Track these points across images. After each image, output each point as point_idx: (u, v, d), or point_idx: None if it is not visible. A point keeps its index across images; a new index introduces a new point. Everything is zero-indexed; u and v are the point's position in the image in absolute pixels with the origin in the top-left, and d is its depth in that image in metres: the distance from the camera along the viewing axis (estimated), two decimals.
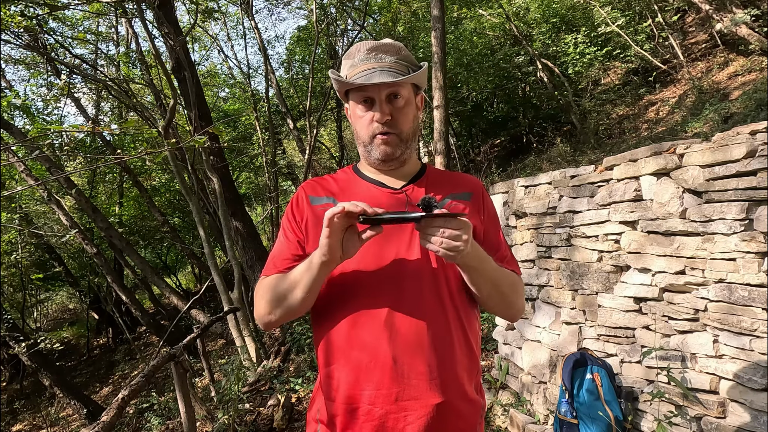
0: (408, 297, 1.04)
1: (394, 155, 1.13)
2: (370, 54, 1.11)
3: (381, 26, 10.94)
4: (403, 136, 1.13)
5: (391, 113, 1.10)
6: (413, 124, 1.15)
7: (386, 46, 1.12)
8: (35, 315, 12.43)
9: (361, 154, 1.18)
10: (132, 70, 9.37)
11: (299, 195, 1.19)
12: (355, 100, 1.13)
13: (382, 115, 1.09)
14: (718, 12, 6.96)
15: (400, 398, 1.01)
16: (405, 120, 1.13)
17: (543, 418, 2.92)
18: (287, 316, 1.09)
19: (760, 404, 1.85)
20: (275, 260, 1.15)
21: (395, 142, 1.12)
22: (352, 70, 1.12)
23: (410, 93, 1.14)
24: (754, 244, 1.87)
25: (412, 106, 1.15)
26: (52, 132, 3.74)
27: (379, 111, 1.09)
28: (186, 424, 2.99)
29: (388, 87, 1.09)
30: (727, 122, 5.59)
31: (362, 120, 1.13)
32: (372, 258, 1.06)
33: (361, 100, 1.11)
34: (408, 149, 1.15)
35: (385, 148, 1.12)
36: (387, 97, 1.10)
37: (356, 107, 1.13)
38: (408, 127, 1.14)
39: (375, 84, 1.07)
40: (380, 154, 1.12)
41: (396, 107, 1.11)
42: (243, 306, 6.00)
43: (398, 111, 1.11)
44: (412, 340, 1.02)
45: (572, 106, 8.42)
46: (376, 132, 1.11)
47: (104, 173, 10.75)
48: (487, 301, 1.13)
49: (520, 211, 3.25)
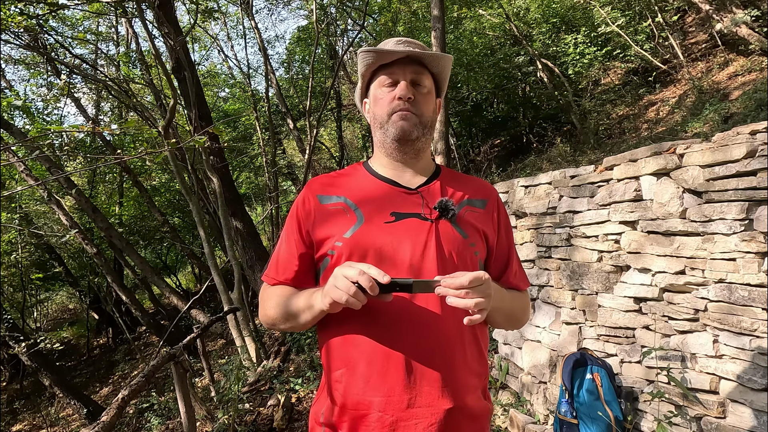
0: (419, 301, 1.01)
1: (411, 135, 1.10)
2: (400, 44, 1.13)
3: (381, 26, 10.93)
4: (423, 119, 1.11)
5: (413, 95, 1.10)
6: (433, 115, 1.14)
7: (415, 42, 1.14)
8: (35, 315, 12.43)
9: (377, 142, 1.16)
10: (132, 70, 9.38)
11: (305, 196, 1.15)
12: (379, 83, 1.13)
13: (405, 90, 1.09)
14: (718, 12, 6.96)
15: (412, 405, 0.98)
16: (427, 106, 1.12)
17: (543, 418, 2.92)
18: (294, 329, 1.12)
19: (760, 404, 1.85)
20: (279, 266, 1.14)
21: (414, 121, 1.10)
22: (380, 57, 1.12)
23: (432, 87, 1.14)
24: (754, 244, 1.87)
25: (432, 99, 1.15)
26: (52, 132, 3.74)
27: (404, 88, 1.09)
28: (186, 424, 2.99)
29: (413, 72, 1.10)
30: (727, 122, 5.59)
31: (383, 100, 1.12)
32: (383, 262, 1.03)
33: (386, 83, 1.11)
34: (425, 137, 1.13)
35: (403, 124, 1.09)
36: (411, 81, 1.10)
37: (378, 90, 1.13)
38: (429, 114, 1.12)
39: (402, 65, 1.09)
40: (397, 130, 1.09)
41: (419, 92, 1.11)
42: (243, 306, 6.00)
43: (421, 95, 1.11)
44: (424, 346, 1.00)
45: (572, 106, 8.42)
46: (396, 108, 1.10)
47: (104, 173, 10.75)
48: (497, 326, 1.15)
49: (520, 211, 3.25)
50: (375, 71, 1.14)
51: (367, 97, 1.18)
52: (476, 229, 1.11)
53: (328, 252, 1.08)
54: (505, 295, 1.10)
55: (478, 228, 1.11)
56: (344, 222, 1.07)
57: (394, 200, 1.09)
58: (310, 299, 1.02)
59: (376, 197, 1.10)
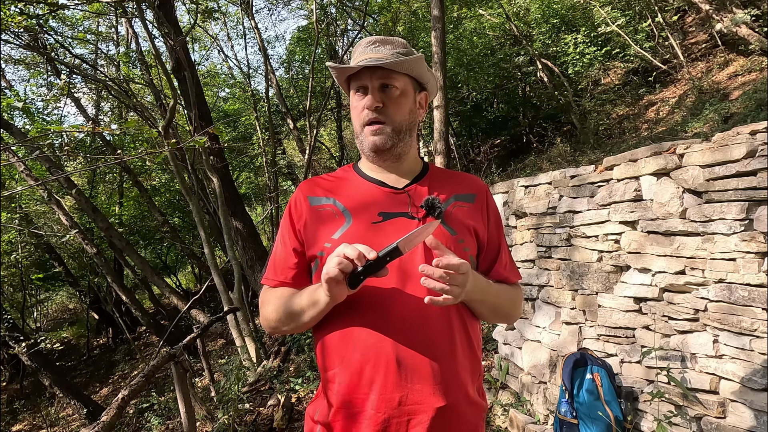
0: (411, 300, 1.02)
1: (385, 146, 1.09)
2: (369, 46, 1.11)
3: (381, 26, 10.93)
4: (395, 126, 1.09)
5: (382, 101, 1.08)
6: (408, 117, 1.12)
7: (387, 40, 1.12)
8: (35, 315, 12.43)
9: (359, 148, 1.16)
10: (132, 70, 9.37)
11: (297, 197, 1.17)
12: (352, 90, 1.13)
13: (372, 101, 1.07)
14: (718, 12, 6.96)
15: (404, 403, 0.99)
16: (398, 110, 1.10)
17: (543, 418, 2.92)
18: (297, 330, 1.12)
19: (760, 404, 1.85)
20: (277, 268, 1.14)
21: (386, 132, 1.09)
22: (352, 62, 1.12)
23: (407, 86, 1.12)
24: (754, 244, 1.87)
25: (408, 99, 1.12)
26: (52, 132, 3.75)
27: (371, 96, 1.07)
28: (186, 424, 2.99)
29: (380, 77, 1.08)
30: (727, 122, 5.59)
31: (356, 109, 1.11)
32: None
33: (356, 88, 1.11)
34: (402, 142, 1.12)
35: (374, 139, 1.09)
36: (380, 86, 1.08)
37: (353, 97, 1.13)
38: (401, 119, 1.10)
39: (369, 69, 1.07)
40: (369, 145, 1.10)
41: (389, 96, 1.09)
42: (243, 306, 6.00)
43: (391, 100, 1.09)
44: (416, 344, 1.00)
45: (572, 106, 8.42)
46: (365, 120, 1.09)
47: (104, 173, 10.75)
48: (485, 319, 1.16)
49: (520, 211, 3.25)
50: (349, 78, 1.14)
51: None
52: (465, 225, 1.11)
53: (317, 254, 1.09)
54: (490, 288, 1.09)
55: (466, 224, 1.12)
56: (333, 224, 1.09)
57: (381, 200, 1.10)
58: (314, 295, 1.02)
59: (364, 198, 1.11)
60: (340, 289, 0.95)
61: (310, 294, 1.03)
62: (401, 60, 1.07)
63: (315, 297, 1.01)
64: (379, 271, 0.94)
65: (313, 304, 1.02)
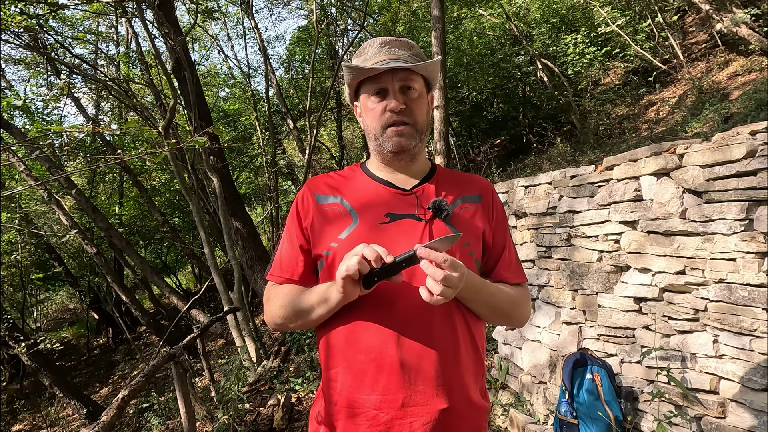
0: (415, 301, 1.00)
1: (408, 147, 1.10)
2: (384, 47, 1.11)
3: (381, 26, 10.93)
4: (417, 126, 1.10)
5: (405, 103, 1.08)
6: (426, 117, 1.13)
7: (399, 42, 1.12)
8: (35, 315, 12.42)
9: (372, 149, 1.15)
10: (132, 70, 9.37)
11: (304, 194, 1.16)
12: (367, 93, 1.11)
13: (396, 103, 1.07)
14: (718, 12, 6.96)
15: (407, 404, 0.99)
16: (419, 111, 1.10)
17: (543, 418, 2.92)
18: (303, 327, 1.11)
19: (760, 404, 1.85)
20: (283, 264, 1.14)
21: (410, 134, 1.09)
22: (364, 64, 1.10)
23: (423, 87, 1.13)
24: (754, 244, 1.87)
25: (424, 100, 1.13)
26: (52, 132, 3.74)
27: (394, 99, 1.07)
28: (186, 424, 2.99)
29: (401, 78, 1.08)
30: (727, 122, 5.59)
31: (374, 111, 1.10)
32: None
33: (374, 91, 1.09)
34: (420, 143, 1.12)
35: (399, 140, 1.09)
36: (401, 88, 1.08)
37: (368, 100, 1.11)
38: (422, 119, 1.11)
39: (390, 71, 1.06)
40: (393, 146, 1.09)
41: (409, 98, 1.09)
42: (243, 306, 6.00)
43: (411, 102, 1.09)
44: (420, 345, 1.00)
45: (572, 106, 8.43)
46: (389, 122, 1.08)
47: (104, 173, 10.75)
48: (486, 319, 1.15)
49: (520, 211, 3.25)
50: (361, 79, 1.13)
51: (357, 100, 1.17)
52: (471, 227, 1.11)
53: (323, 252, 1.09)
54: (485, 287, 1.08)
55: (472, 226, 1.12)
56: (340, 223, 1.08)
57: (389, 201, 1.10)
58: (326, 292, 1.01)
59: (372, 198, 1.11)
60: (353, 289, 0.95)
61: (321, 291, 1.03)
62: (426, 62, 1.08)
63: (326, 294, 1.01)
64: (394, 276, 0.94)
65: (324, 301, 1.01)
